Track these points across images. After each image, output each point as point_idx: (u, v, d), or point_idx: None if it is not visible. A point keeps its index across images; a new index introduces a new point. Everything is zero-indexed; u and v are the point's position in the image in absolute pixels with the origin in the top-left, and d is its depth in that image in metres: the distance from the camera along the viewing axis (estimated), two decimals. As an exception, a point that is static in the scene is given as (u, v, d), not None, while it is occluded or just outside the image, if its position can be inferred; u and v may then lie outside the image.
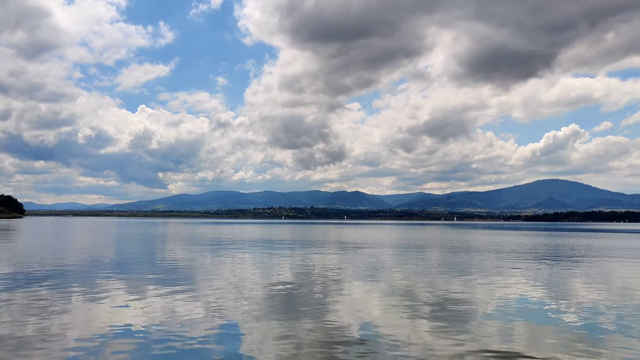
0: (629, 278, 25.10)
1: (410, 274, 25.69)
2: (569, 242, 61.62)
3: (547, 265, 31.09)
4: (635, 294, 19.53)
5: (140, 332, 12.89)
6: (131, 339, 12.23)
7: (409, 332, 13.07)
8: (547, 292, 20.07)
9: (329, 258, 34.93)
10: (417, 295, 18.75)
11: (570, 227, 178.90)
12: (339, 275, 24.95)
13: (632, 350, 11.47)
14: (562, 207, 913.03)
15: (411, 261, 32.96)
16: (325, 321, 14.22)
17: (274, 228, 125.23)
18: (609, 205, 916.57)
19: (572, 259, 36.16)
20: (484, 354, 11.10)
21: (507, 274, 26.22)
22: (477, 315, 15.29)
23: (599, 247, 52.46)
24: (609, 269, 29.08)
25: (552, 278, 24.68)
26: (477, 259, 35.35)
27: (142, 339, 12.25)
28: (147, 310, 15.48)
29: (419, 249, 45.68)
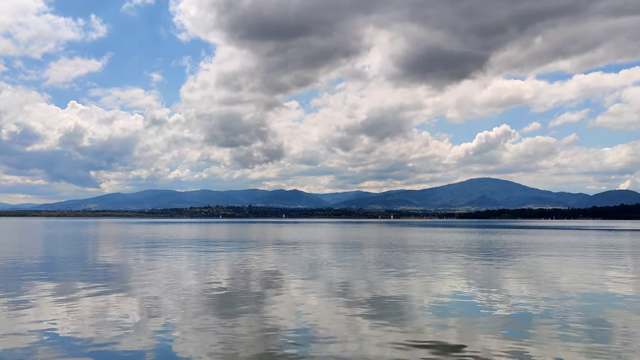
0: (556, 272, 26.11)
1: (348, 271, 25.82)
2: (500, 239, 63.74)
3: (479, 261, 31.97)
4: (561, 287, 20.31)
5: (67, 337, 12.29)
6: (57, 344, 11.63)
7: (346, 328, 13.07)
8: (479, 286, 20.60)
9: (266, 257, 34.68)
10: (355, 293, 18.83)
11: (501, 224, 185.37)
12: (276, 274, 24.78)
13: (558, 340, 11.86)
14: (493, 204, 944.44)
15: (348, 259, 33.17)
16: (262, 320, 14.03)
17: (210, 227, 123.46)
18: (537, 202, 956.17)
19: (503, 254, 37.36)
20: (419, 348, 11.21)
21: (441, 270, 26.78)
22: (412, 310, 15.48)
23: (528, 243, 54.52)
24: (538, 264, 30.19)
25: (484, 273, 25.37)
26: (413, 256, 35.96)
27: (69, 344, 11.68)
28: (76, 314, 14.81)
29: (357, 247, 46.09)
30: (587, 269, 27.53)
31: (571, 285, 21.08)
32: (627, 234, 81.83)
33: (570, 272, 25.86)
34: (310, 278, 23.13)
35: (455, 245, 48.57)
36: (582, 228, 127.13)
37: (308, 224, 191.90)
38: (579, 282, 21.89)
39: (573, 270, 26.71)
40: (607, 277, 24.10)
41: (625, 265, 29.69)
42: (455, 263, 30.44)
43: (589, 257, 34.83)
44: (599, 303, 16.86)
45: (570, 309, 15.63)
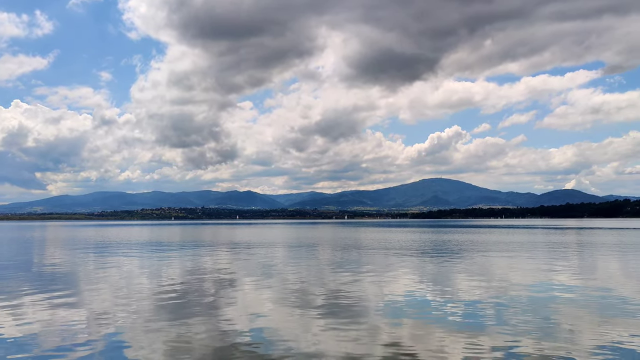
0: (506, 270, 26.75)
1: (303, 273, 25.78)
2: (452, 238, 64.89)
3: (432, 260, 32.45)
4: (511, 285, 20.80)
5: (11, 344, 11.80)
6: (1, 352, 11.15)
7: (301, 329, 13.02)
8: (432, 285, 20.89)
9: (220, 259, 34.30)
10: (309, 294, 18.80)
11: (453, 224, 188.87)
12: (230, 276, 24.52)
13: (508, 335, 12.12)
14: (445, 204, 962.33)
15: (303, 260, 33.14)
16: (216, 323, 13.82)
17: (163, 229, 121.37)
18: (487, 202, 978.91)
19: (455, 253, 38.04)
20: (374, 348, 11.26)
21: (395, 269, 27.05)
22: (367, 310, 15.56)
23: (479, 242, 55.71)
24: (489, 262, 30.85)
25: (437, 272, 25.76)
26: (367, 256, 36.23)
27: (14, 351, 11.20)
28: (20, 321, 14.23)
29: (311, 248, 46.11)
30: (536, 266, 28.29)
31: (520, 282, 21.60)
32: (573, 232, 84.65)
33: (519, 270, 26.51)
34: (265, 280, 22.98)
35: (409, 245, 49.19)
36: (530, 227, 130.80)
37: (262, 225, 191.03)
38: (527, 280, 22.46)
39: (522, 268, 27.39)
40: (554, 274, 24.82)
41: (570, 262, 30.65)
42: (409, 263, 30.80)
43: (537, 255, 35.82)
44: (546, 299, 17.31)
45: (520, 306, 16.00)
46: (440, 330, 12.93)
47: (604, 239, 59.17)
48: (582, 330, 12.89)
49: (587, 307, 15.97)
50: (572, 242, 53.59)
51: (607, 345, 11.36)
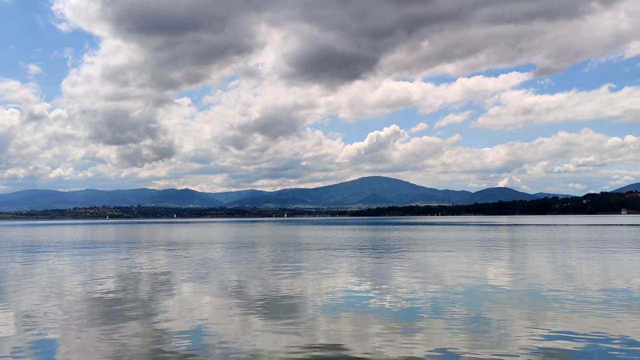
0: (442, 266, 27.38)
1: (242, 271, 25.53)
2: (390, 235, 65.91)
3: (371, 257, 32.83)
4: (446, 280, 21.29)
5: None
6: None
7: (240, 328, 12.86)
8: (371, 282, 21.12)
9: (156, 259, 33.53)
10: (248, 293, 18.62)
11: (391, 221, 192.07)
12: (167, 275, 23.99)
13: (443, 330, 12.39)
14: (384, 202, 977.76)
15: (242, 259, 32.84)
16: (152, 324, 13.46)
17: (96, 229, 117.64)
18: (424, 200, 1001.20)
19: (394, 250, 38.62)
20: (312, 345, 11.24)
21: (334, 267, 27.19)
22: (306, 307, 15.55)
23: (417, 238, 56.83)
24: (425, 259, 31.49)
25: (375, 269, 26.08)
26: (307, 254, 36.28)
27: None
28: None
29: (251, 247, 45.78)
30: (470, 262, 29.07)
31: (455, 278, 22.13)
32: (505, 229, 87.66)
33: (454, 266, 27.17)
34: (203, 279, 22.60)
35: (348, 243, 49.62)
36: (465, 224, 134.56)
37: (200, 223, 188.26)
38: (462, 275, 23.03)
39: (457, 264, 28.07)
40: (488, 269, 25.63)
41: (503, 258, 31.68)
42: (348, 260, 31.04)
43: (472, 252, 36.83)
44: (480, 294, 17.81)
45: (454, 301, 16.40)
46: (378, 326, 13.05)
47: (534, 235, 61.54)
48: (514, 323, 13.30)
49: (518, 300, 16.51)
50: (504, 239, 55.48)
51: (537, 337, 11.76)
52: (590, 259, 29.93)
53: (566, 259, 30.76)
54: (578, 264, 27.85)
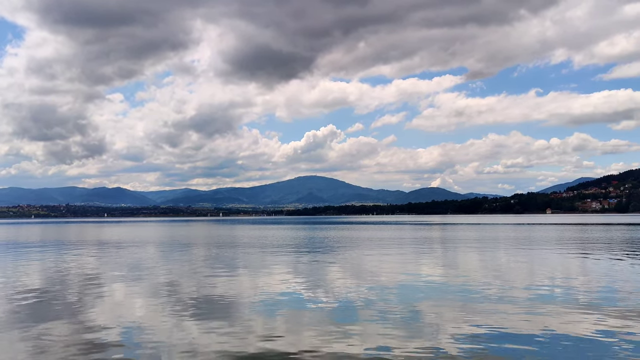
0: (377, 265, 27.74)
1: (175, 272, 25.01)
2: (326, 235, 66.32)
3: (307, 256, 32.88)
4: (381, 279, 21.58)
5: None
6: None
7: (173, 331, 12.55)
8: (307, 282, 21.13)
9: (86, 260, 32.35)
10: (182, 293, 18.24)
11: (327, 220, 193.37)
12: (97, 277, 23.18)
13: (378, 327, 12.54)
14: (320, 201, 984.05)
15: (176, 259, 32.18)
16: (81, 327, 12.92)
17: (20, 229, 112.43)
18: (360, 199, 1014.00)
19: (329, 249, 38.85)
20: (248, 346, 11.11)
21: (270, 267, 27.09)
22: (241, 308, 15.38)
23: (352, 238, 57.42)
24: (361, 258, 31.83)
25: (311, 269, 26.13)
26: (243, 254, 35.96)
27: None
28: None
29: (185, 246, 44.96)
30: (404, 260, 29.62)
31: (390, 276, 22.49)
32: (437, 228, 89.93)
33: (389, 264, 27.60)
34: (134, 280, 21.97)
35: (284, 242, 49.55)
36: (399, 223, 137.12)
37: (132, 223, 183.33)
38: (396, 273, 23.45)
39: (391, 263, 28.53)
40: (421, 267, 26.19)
41: (435, 256, 32.46)
42: (284, 259, 30.98)
43: (405, 250, 37.54)
44: (413, 292, 18.17)
45: (389, 298, 16.64)
46: (315, 324, 13.05)
47: (465, 234, 63.44)
48: (446, 319, 13.62)
49: (450, 297, 16.94)
50: (437, 238, 56.90)
51: (468, 332, 12.09)
52: (517, 257, 31.12)
53: (495, 257, 31.86)
54: (506, 261, 28.91)
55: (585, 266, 26.04)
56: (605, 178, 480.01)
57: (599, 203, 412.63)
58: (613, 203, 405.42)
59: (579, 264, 27.09)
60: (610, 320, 13.22)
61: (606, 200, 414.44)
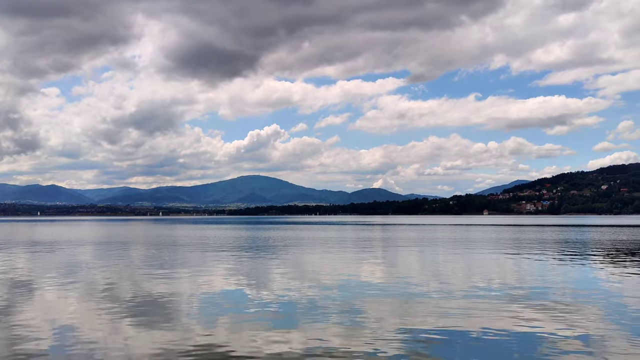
0: (319, 264, 27.91)
1: (112, 272, 24.31)
2: (268, 235, 66.05)
3: (249, 257, 32.66)
4: (323, 279, 21.69)
5: None
6: None
7: (109, 333, 12.19)
8: (249, 282, 20.99)
9: (17, 260, 31.03)
10: (119, 295, 17.74)
11: (270, 220, 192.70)
12: (28, 280, 22.26)
13: (320, 326, 12.58)
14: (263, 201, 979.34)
15: (113, 259, 31.28)
16: (12, 330, 12.35)
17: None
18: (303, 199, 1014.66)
19: (272, 250, 38.72)
20: (188, 348, 10.91)
21: (211, 267, 26.75)
22: (181, 310, 15.11)
23: (295, 238, 57.44)
24: (303, 258, 31.90)
25: (253, 269, 25.98)
26: (183, 254, 35.37)
27: None
28: None
29: (122, 246, 43.79)
30: (346, 260, 29.86)
31: (332, 275, 22.62)
32: (379, 228, 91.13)
33: (331, 264, 27.77)
34: (69, 281, 21.22)
35: (226, 242, 49.05)
36: (342, 223, 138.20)
37: (68, 222, 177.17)
38: (338, 273, 23.61)
39: (334, 262, 28.72)
40: (362, 267, 26.45)
41: (376, 256, 32.89)
42: (226, 260, 30.66)
43: (348, 250, 37.87)
44: (355, 291, 18.32)
45: (330, 297, 16.75)
46: (256, 325, 12.96)
47: (406, 235, 64.57)
48: (386, 317, 13.82)
49: (390, 296, 17.20)
50: (378, 238, 57.68)
51: (408, 330, 12.29)
52: (455, 257, 31.91)
53: (434, 257, 32.59)
54: (444, 261, 29.61)
55: (519, 265, 26.96)
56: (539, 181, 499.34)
57: (533, 205, 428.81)
58: (546, 205, 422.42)
59: (514, 263, 28.03)
60: (542, 315, 13.77)
61: (540, 202, 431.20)
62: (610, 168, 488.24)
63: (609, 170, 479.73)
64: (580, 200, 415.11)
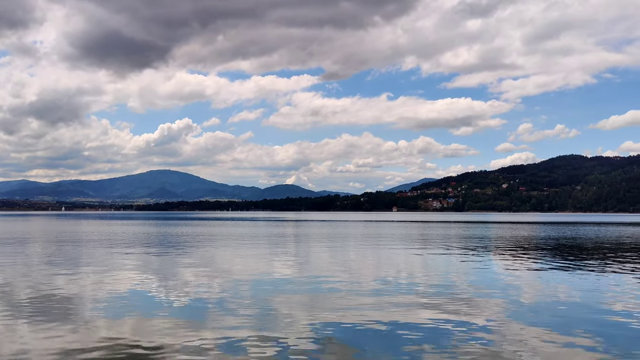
0: (230, 261, 27.67)
1: (7, 271, 22.80)
2: (179, 231, 64.57)
3: (158, 253, 31.79)
4: (235, 275, 21.50)
5: None
6: None
7: (4, 336, 11.40)
8: (158, 279, 20.41)
9: None
10: (15, 295, 16.66)
11: (180, 216, 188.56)
12: None
13: (231, 323, 12.42)
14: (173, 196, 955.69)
15: (8, 257, 29.37)
16: None
17: None
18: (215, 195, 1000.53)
19: (182, 246, 37.90)
20: (91, 349, 10.41)
21: (117, 264, 25.77)
22: (84, 309, 14.41)
23: (206, 234, 56.51)
24: (214, 254, 31.44)
25: (163, 266, 25.32)
26: (86, 250, 33.83)
27: None
28: None
29: (20, 243, 41.27)
30: (258, 256, 29.75)
31: (243, 272, 22.47)
32: (291, 224, 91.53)
33: (243, 260, 27.60)
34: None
35: (134, 239, 47.43)
36: (254, 219, 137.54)
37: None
38: (250, 269, 23.51)
39: (246, 259, 28.53)
40: (274, 263, 26.45)
41: (289, 252, 33.01)
42: (133, 257, 29.66)
43: (260, 246, 37.74)
44: (267, 287, 18.26)
45: (242, 294, 16.61)
46: (165, 323, 12.59)
47: (318, 231, 65.24)
48: (297, 313, 13.87)
49: (302, 291, 17.30)
50: (291, 234, 57.91)
51: (318, 324, 12.39)
52: (365, 253, 32.62)
53: (345, 252, 33.15)
54: (355, 257, 30.19)
55: (425, 261, 27.94)
56: (445, 179, 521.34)
57: (439, 202, 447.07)
58: (451, 202, 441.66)
59: (421, 258, 29.01)
60: (447, 307, 14.34)
61: (445, 200, 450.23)
62: (511, 168, 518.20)
63: (509, 170, 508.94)
64: (482, 198, 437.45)
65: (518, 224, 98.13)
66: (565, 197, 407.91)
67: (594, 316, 13.76)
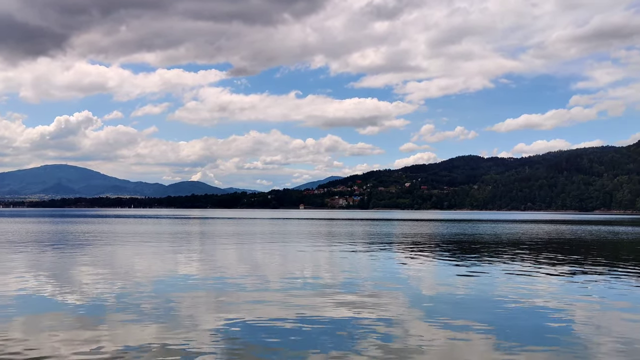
0: (131, 260, 26.79)
1: None
2: (75, 229, 61.60)
3: (52, 252, 30.16)
4: (136, 275, 20.79)
5: None
6: None
7: None
8: (52, 280, 19.31)
9: None
10: None
11: (78, 213, 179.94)
12: None
13: (133, 325, 11.96)
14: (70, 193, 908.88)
15: None
16: None
17: None
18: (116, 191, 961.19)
19: (78, 245, 36.15)
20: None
21: (7, 265, 24.11)
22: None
23: (105, 232, 54.20)
24: (114, 253, 30.31)
25: (57, 265, 24.01)
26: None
27: None
28: None
29: None
30: (160, 255, 28.96)
31: (145, 271, 21.82)
32: (196, 222, 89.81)
33: (144, 259, 26.78)
34: None
35: (25, 237, 44.60)
36: (158, 217, 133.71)
37: None
38: (152, 268, 22.87)
39: (147, 257, 27.67)
40: (178, 262, 25.93)
41: (193, 250, 32.35)
42: (23, 256, 27.88)
43: (162, 244, 36.69)
44: (170, 286, 17.81)
45: (143, 294, 16.09)
46: (60, 326, 11.95)
47: (224, 229, 64.48)
48: (202, 311, 13.63)
49: (207, 290, 17.03)
50: (195, 232, 56.79)
51: (224, 322, 12.18)
52: (272, 250, 32.60)
53: (252, 250, 32.98)
54: (262, 254, 30.13)
55: (331, 257, 28.35)
56: (351, 177, 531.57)
57: (345, 200, 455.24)
58: (357, 200, 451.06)
59: (327, 255, 29.40)
60: (352, 303, 14.64)
61: (351, 198, 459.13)
62: (413, 167, 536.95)
63: (412, 169, 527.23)
64: (386, 196, 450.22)
65: (420, 221, 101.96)
66: (463, 196, 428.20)
67: (487, 305, 14.73)
